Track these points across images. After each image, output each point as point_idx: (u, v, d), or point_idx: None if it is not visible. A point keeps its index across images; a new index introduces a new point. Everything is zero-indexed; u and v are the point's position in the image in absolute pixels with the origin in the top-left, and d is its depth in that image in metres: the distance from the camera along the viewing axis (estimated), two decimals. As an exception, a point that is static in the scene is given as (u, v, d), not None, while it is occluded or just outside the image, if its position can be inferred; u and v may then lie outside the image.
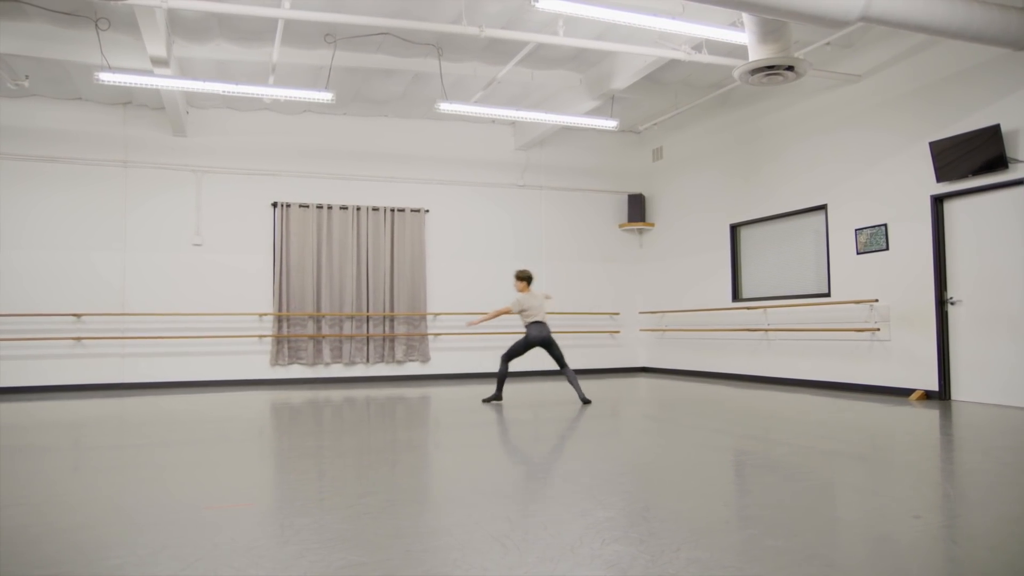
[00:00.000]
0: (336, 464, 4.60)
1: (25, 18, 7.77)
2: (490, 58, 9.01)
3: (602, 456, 4.76)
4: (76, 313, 9.81)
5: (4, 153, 9.73)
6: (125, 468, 4.60)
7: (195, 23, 7.91)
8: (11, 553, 2.83)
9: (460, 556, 2.72)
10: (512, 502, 3.52)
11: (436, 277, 11.45)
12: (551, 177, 12.23)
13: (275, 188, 10.79)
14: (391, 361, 11.09)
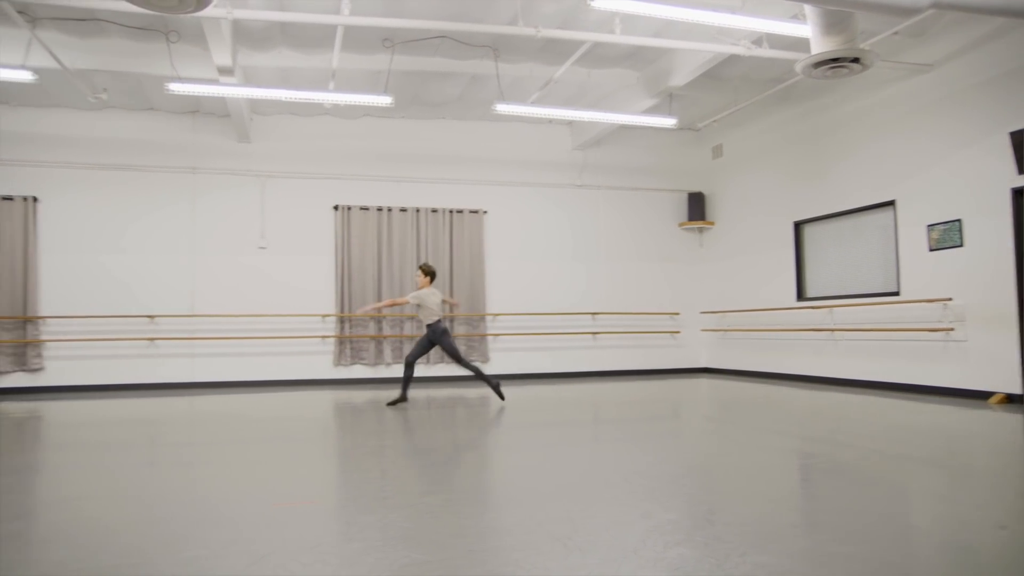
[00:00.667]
0: (398, 463, 4.66)
1: (104, 35, 8.11)
2: (546, 58, 9.00)
3: (663, 457, 4.70)
4: (150, 315, 10.19)
5: (85, 163, 10.18)
6: (196, 464, 4.75)
7: (259, 32, 8.13)
8: (93, 544, 2.95)
9: (522, 556, 2.72)
10: (573, 503, 3.50)
11: (495, 278, 11.50)
12: (609, 176, 12.15)
13: (336, 191, 11.00)
14: (451, 361, 11.17)
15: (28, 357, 9.83)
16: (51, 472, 4.63)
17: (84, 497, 3.84)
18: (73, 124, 10.22)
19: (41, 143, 10.10)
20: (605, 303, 11.92)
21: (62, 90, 9.40)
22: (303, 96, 8.26)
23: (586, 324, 11.81)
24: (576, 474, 4.23)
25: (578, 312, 11.73)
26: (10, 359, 9.79)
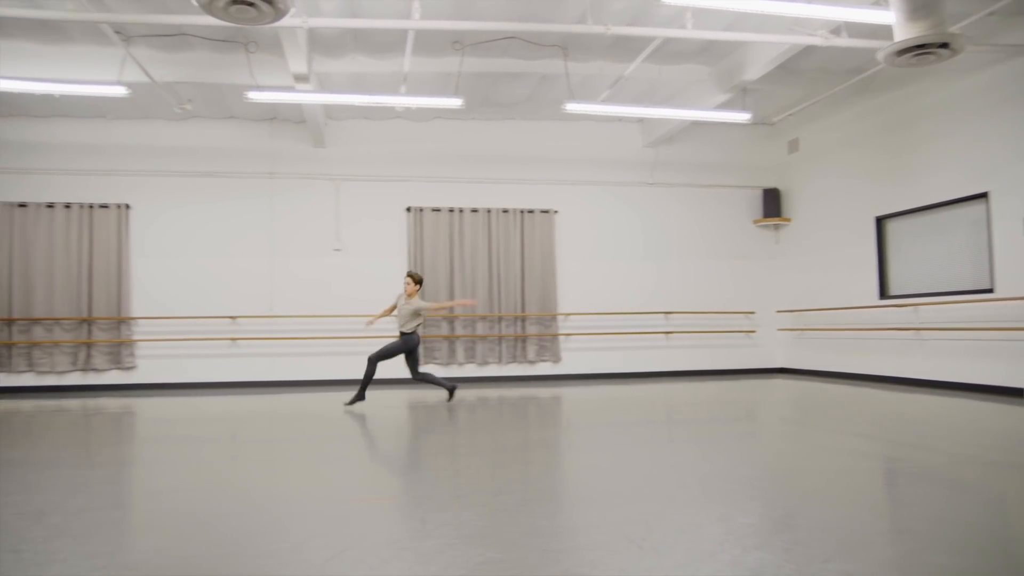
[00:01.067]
0: (471, 462, 4.70)
1: (189, 49, 8.48)
2: (616, 56, 8.92)
3: (739, 460, 4.60)
4: (231, 316, 10.58)
5: (171, 171, 10.65)
6: (277, 460, 4.91)
7: (333, 39, 8.34)
8: (184, 534, 3.09)
9: (597, 557, 2.71)
10: (647, 504, 3.46)
11: (566, 277, 11.47)
12: (680, 174, 11.96)
13: (409, 193, 11.18)
14: (523, 361, 11.22)
15: (122, 356, 10.35)
16: (144, 465, 4.87)
17: (174, 489, 4.02)
18: (161, 134, 10.71)
19: (133, 153, 10.62)
20: (678, 302, 11.74)
21: (151, 102, 9.86)
22: (376, 100, 8.43)
23: (658, 323, 11.66)
24: (650, 475, 4.18)
25: (650, 311, 11.59)
26: (106, 357, 10.33)
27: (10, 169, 10.34)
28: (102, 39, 8.09)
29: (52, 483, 4.14)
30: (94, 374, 10.34)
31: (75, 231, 10.33)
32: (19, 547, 2.94)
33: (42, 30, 7.96)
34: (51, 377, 10.23)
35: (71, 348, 10.25)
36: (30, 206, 10.27)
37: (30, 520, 3.33)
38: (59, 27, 7.85)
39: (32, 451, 5.31)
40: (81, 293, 10.27)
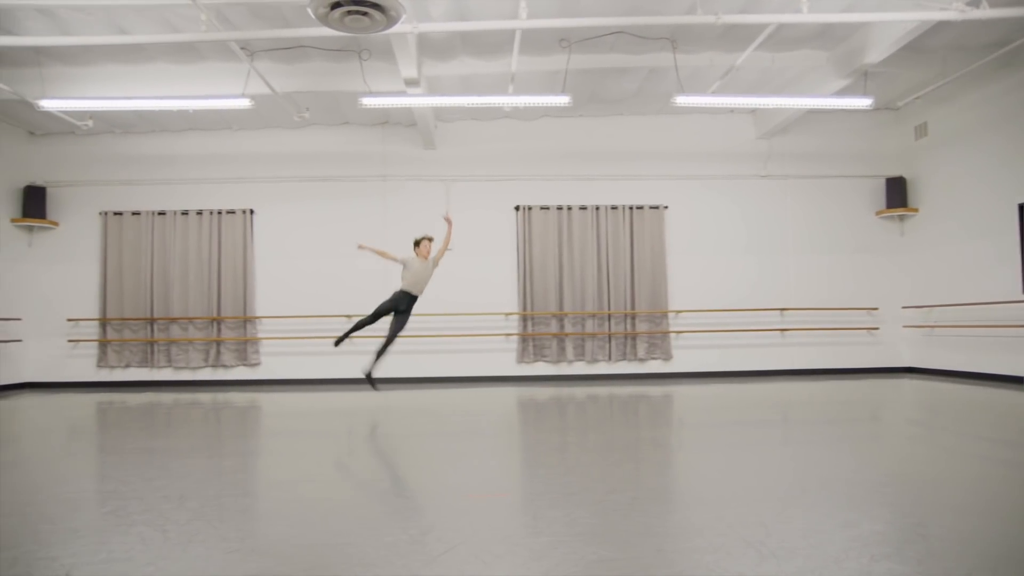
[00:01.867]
0: (582, 460, 4.69)
1: (307, 60, 8.89)
2: (726, 45, 8.66)
3: (863, 463, 4.36)
4: (347, 315, 10.99)
5: (291, 176, 11.20)
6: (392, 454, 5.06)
7: (441, 43, 8.52)
8: (307, 522, 3.24)
9: (713, 560, 2.64)
10: (765, 507, 3.35)
11: (677, 274, 11.24)
12: (796, 165, 11.46)
13: (517, 192, 11.27)
14: (633, 359, 11.09)
15: (248, 353, 10.98)
16: (269, 456, 5.14)
17: (297, 480, 4.22)
18: (281, 142, 11.28)
19: (256, 161, 11.24)
20: (794, 298, 11.27)
21: (272, 112, 10.39)
22: (484, 101, 8.56)
23: (774, 320, 11.24)
24: (767, 477, 4.04)
25: (765, 308, 11.18)
26: (234, 354, 10.99)
27: (152, 180, 11.17)
28: (229, 55, 8.60)
29: (190, 470, 4.44)
30: (223, 370, 11.01)
31: (206, 236, 11.04)
32: (165, 527, 3.17)
33: (178, 51, 8.55)
34: (186, 372, 10.98)
35: (203, 345, 10.96)
36: (168, 213, 11.06)
37: (173, 504, 3.58)
38: (192, 47, 8.41)
39: (172, 441, 5.72)
40: (211, 294, 10.97)
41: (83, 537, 3.06)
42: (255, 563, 2.70)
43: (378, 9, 5.28)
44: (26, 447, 5.64)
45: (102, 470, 4.59)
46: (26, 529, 3.21)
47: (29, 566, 2.72)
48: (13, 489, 4.04)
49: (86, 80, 8.99)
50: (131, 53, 8.57)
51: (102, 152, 11.23)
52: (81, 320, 11.01)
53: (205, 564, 2.70)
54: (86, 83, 8.98)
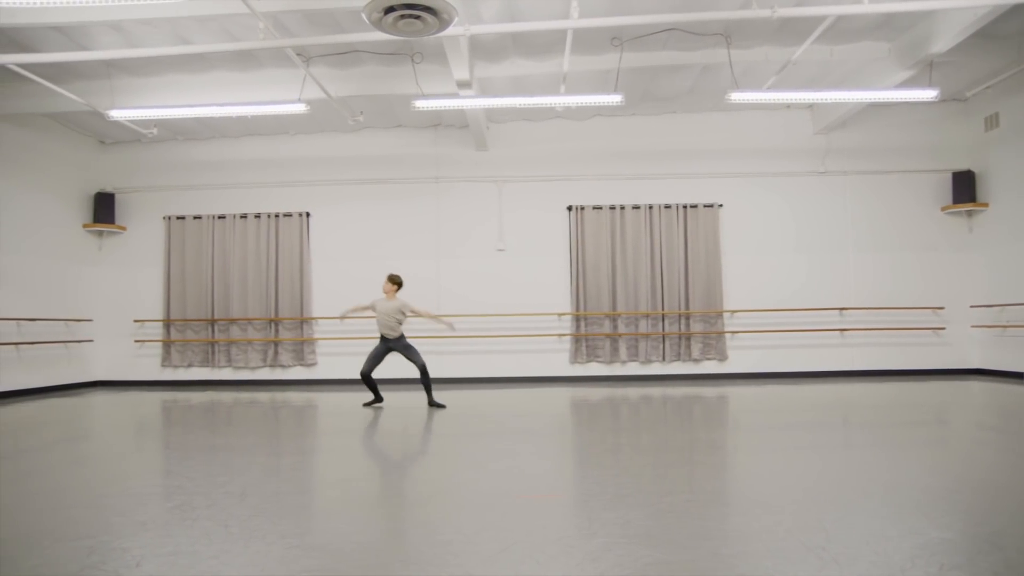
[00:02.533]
0: (636, 461, 4.65)
1: (361, 64, 9.03)
2: (783, 40, 8.48)
3: (929, 468, 4.22)
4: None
5: (346, 179, 11.40)
6: (446, 454, 5.10)
7: (493, 45, 8.55)
8: (360, 521, 3.29)
9: (772, 564, 2.59)
10: (826, 511, 3.26)
11: (732, 273, 11.05)
12: (856, 161, 11.15)
13: (569, 192, 11.24)
14: (687, 359, 10.94)
15: (305, 353, 11.20)
16: (325, 454, 5.23)
17: (352, 479, 4.29)
18: (336, 146, 11.48)
19: (311, 164, 11.47)
20: (854, 297, 10.96)
21: (327, 116, 10.58)
22: (536, 102, 8.55)
23: (833, 320, 10.95)
24: (827, 481, 3.93)
25: (823, 308, 10.90)
26: (291, 355, 11.23)
27: (212, 185, 11.51)
28: (286, 62, 8.79)
29: (250, 467, 4.55)
30: (281, 370, 11.26)
31: (264, 238, 11.31)
32: (228, 523, 3.26)
33: (237, 59, 8.79)
34: (245, 372, 11.27)
35: (261, 346, 11.23)
36: (227, 217, 11.37)
37: (235, 500, 3.68)
38: (251, 55, 8.63)
39: (233, 439, 5.87)
40: (269, 295, 11.22)
41: (151, 530, 3.17)
42: (314, 559, 2.75)
43: (431, 12, 5.34)
44: (98, 443, 5.87)
45: (168, 466, 4.74)
46: (100, 521, 3.34)
47: (103, 556, 2.83)
48: (88, 483, 4.21)
49: (151, 90, 9.30)
50: (193, 62, 8.84)
51: (166, 159, 11.61)
52: (147, 321, 11.40)
53: (265, 559, 2.76)
54: (151, 93, 9.30)
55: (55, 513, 3.51)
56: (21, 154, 10.02)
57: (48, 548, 2.95)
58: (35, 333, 10.14)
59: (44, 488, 4.09)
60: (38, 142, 10.33)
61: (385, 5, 5.27)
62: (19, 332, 9.84)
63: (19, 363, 9.87)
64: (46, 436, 6.17)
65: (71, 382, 10.90)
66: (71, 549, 2.93)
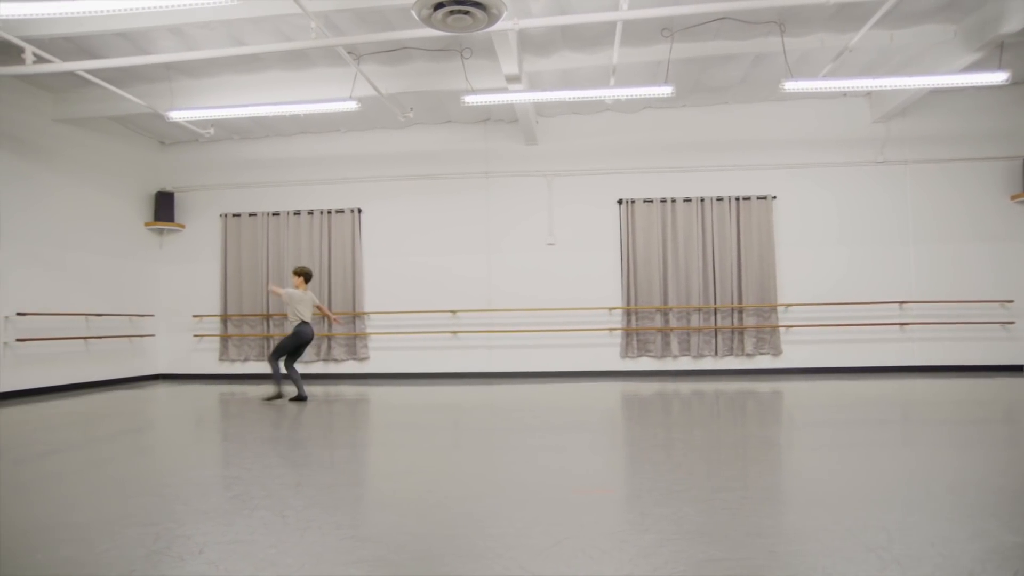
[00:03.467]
0: (689, 457, 4.59)
1: (410, 61, 9.10)
2: (839, 25, 8.25)
3: (999, 468, 4.06)
4: (452, 310, 11.21)
5: (396, 175, 11.52)
6: (497, 448, 5.12)
7: (542, 38, 8.52)
8: (414, 514, 3.32)
9: (830, 564, 2.53)
10: (886, 510, 3.17)
11: (786, 266, 10.81)
12: (917, 149, 10.79)
13: (620, 185, 11.15)
14: (740, 354, 10.77)
15: (357, 347, 11.37)
16: (378, 448, 5.30)
17: (406, 472, 4.34)
18: (386, 142, 11.61)
19: (363, 161, 11.63)
20: (915, 290, 10.62)
21: (378, 113, 10.70)
22: (585, 95, 8.49)
23: (892, 314, 10.63)
24: (888, 479, 3.82)
25: (882, 301, 10.59)
26: (344, 349, 11.41)
27: (267, 182, 11.76)
28: (337, 60, 8.92)
29: (306, 460, 4.64)
30: (334, 364, 11.46)
31: (316, 235, 11.51)
32: (284, 513, 3.34)
33: (290, 59, 8.95)
34: (299, 366, 11.48)
35: (315, 340, 11.43)
36: (281, 214, 11.61)
37: (291, 491, 3.76)
38: (303, 54, 8.77)
39: (288, 431, 6.00)
40: (323, 291, 11.42)
41: (212, 518, 3.26)
42: (368, 550, 2.79)
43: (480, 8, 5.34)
44: (160, 434, 6.06)
45: (226, 457, 4.87)
46: (165, 508, 3.46)
47: (169, 542, 2.93)
48: (152, 472, 4.36)
49: (208, 91, 9.54)
50: (248, 63, 9.03)
51: (222, 157, 11.91)
52: (204, 316, 11.72)
53: (321, 549, 2.82)
54: (208, 94, 9.53)
55: (124, 500, 3.64)
56: (88, 156, 10.41)
57: (118, 533, 3.06)
58: (102, 328, 10.53)
59: (113, 476, 4.24)
60: (103, 144, 10.71)
61: (435, 1, 5.29)
62: (87, 327, 10.23)
63: (87, 356, 10.26)
64: (113, 427, 6.40)
65: (135, 375, 11.28)
66: (139, 535, 3.03)
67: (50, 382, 9.58)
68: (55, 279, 9.73)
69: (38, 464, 4.71)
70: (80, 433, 6.05)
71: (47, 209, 9.65)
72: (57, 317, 9.68)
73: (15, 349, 9.04)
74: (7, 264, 8.98)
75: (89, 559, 2.76)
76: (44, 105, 9.67)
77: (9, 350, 8.96)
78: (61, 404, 8.34)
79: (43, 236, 9.57)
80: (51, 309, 9.58)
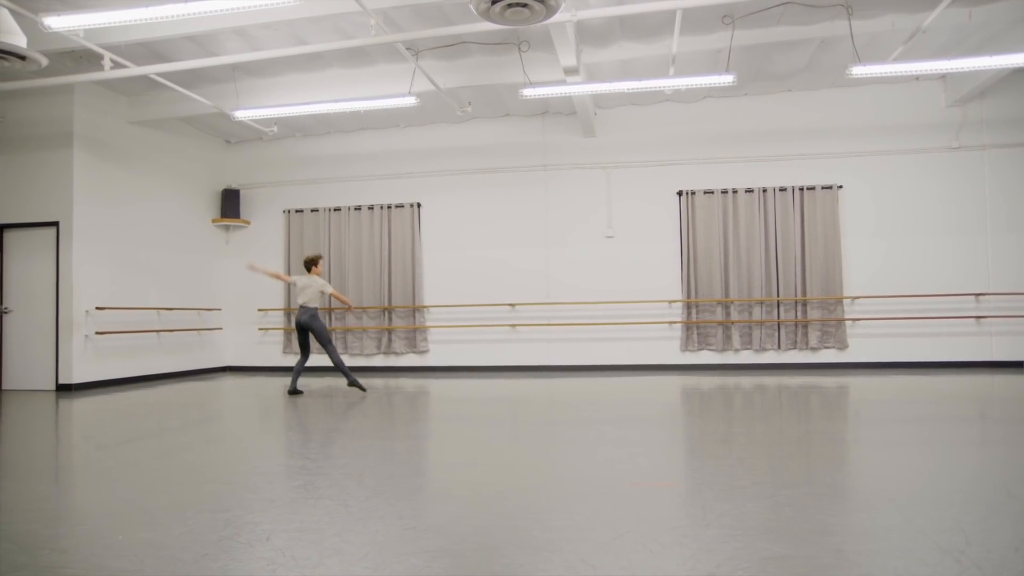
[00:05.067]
0: (752, 452, 4.50)
1: (468, 55, 9.14)
2: (911, 5, 7.93)
3: (1086, 468, 3.86)
4: (511, 303, 11.24)
5: (455, 169, 11.60)
6: (556, 441, 5.11)
7: (600, 29, 8.44)
8: (478, 504, 3.34)
9: (903, 565, 2.44)
10: (964, 512, 3.05)
11: (853, 258, 10.48)
12: (996, 133, 10.30)
13: (679, 177, 10.98)
14: (804, 348, 10.50)
15: (416, 341, 11.51)
16: (438, 440, 5.36)
17: (466, 463, 4.37)
18: (445, 137, 11.69)
19: (422, 156, 11.74)
20: (993, 282, 10.16)
21: (437, 108, 10.78)
22: (644, 85, 8.38)
23: (967, 307, 10.20)
24: (963, 479, 3.68)
25: (956, 293, 10.17)
26: (403, 342, 11.56)
27: (328, 179, 12.00)
28: (396, 56, 9.01)
29: (368, 451, 4.73)
30: (394, 356, 11.63)
31: (377, 229, 11.68)
32: (348, 503, 3.40)
33: (350, 56, 9.09)
34: (361, 359, 11.70)
35: (376, 333, 11.63)
36: (342, 209, 11.82)
37: (353, 481, 3.83)
38: (363, 51, 8.89)
39: (351, 423, 6.12)
40: (383, 284, 11.59)
41: (279, 507, 3.35)
42: (429, 540, 2.83)
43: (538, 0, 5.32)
44: (229, 424, 6.26)
45: (291, 447, 4.99)
46: (234, 496, 3.57)
47: (238, 528, 3.02)
48: (222, 460, 4.50)
49: (271, 90, 9.77)
50: (309, 61, 9.21)
51: (285, 155, 12.19)
52: (269, 310, 12.03)
53: (384, 538, 2.86)
54: (271, 92, 9.77)
55: (196, 487, 3.77)
56: (159, 156, 10.80)
57: (191, 519, 3.18)
58: (172, 321, 10.93)
59: (185, 464, 4.40)
60: (173, 144, 11.10)
61: (492, -5, 5.29)
62: (159, 320, 10.63)
63: (160, 349, 10.66)
64: (184, 417, 6.64)
65: (203, 367, 11.67)
66: (210, 520, 3.14)
67: (126, 373, 10.01)
68: (129, 275, 10.13)
69: (118, 451, 4.92)
70: (154, 422, 6.30)
71: (121, 207, 10.06)
72: (132, 312, 10.09)
73: (95, 342, 9.46)
74: (86, 260, 9.40)
75: (166, 542, 2.87)
76: (119, 108, 10.07)
77: (89, 343, 9.39)
78: (136, 394, 8.68)
79: (118, 234, 9.97)
80: (126, 304, 9.99)
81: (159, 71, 8.08)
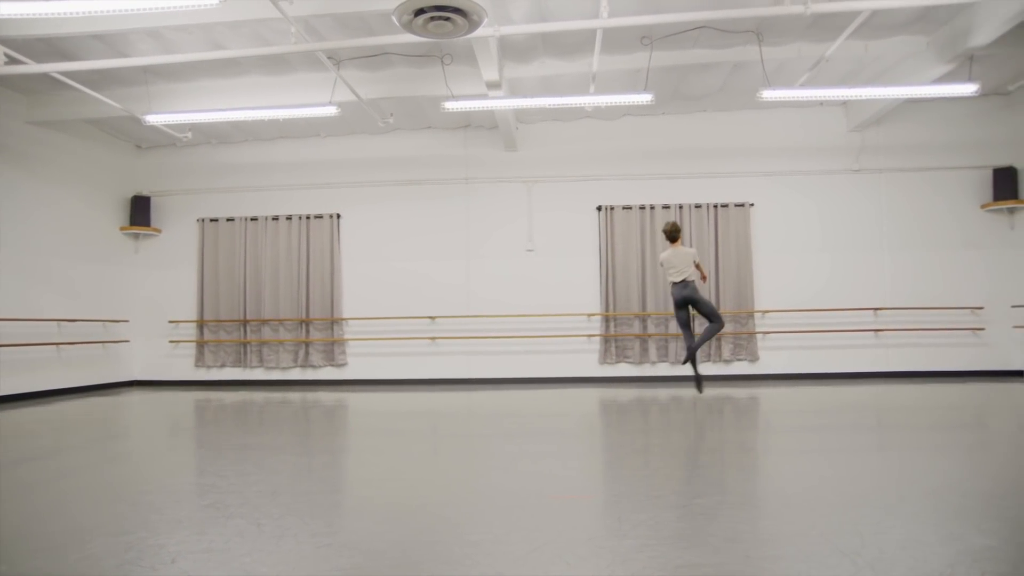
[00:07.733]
0: (667, 462, 4.61)
1: (391, 66, 9.09)
2: (816, 35, 8.36)
3: (970, 472, 4.13)
4: (431, 316, 11.18)
5: (376, 181, 11.49)
6: (476, 454, 5.11)
7: (522, 45, 8.55)
8: (392, 520, 3.30)
9: (804, 569, 2.55)
10: (861, 515, 3.21)
11: (763, 273, 10.91)
12: (891, 158, 10.94)
13: (599, 192, 11.19)
14: (718, 360, 10.83)
15: (335, 354, 11.30)
16: (356, 454, 5.27)
17: (384, 478, 4.31)
18: (366, 148, 11.57)
19: (342, 167, 11.58)
20: (889, 297, 10.76)
21: (358, 119, 10.67)
22: (565, 102, 8.53)
23: (867, 320, 10.77)
24: (861, 484, 3.87)
25: (857, 308, 10.72)
26: (322, 355, 11.33)
27: (245, 187, 11.68)
28: (317, 65, 8.88)
29: (282, 467, 4.60)
30: (311, 370, 11.38)
31: (295, 240, 11.44)
32: (260, 521, 3.30)
33: (269, 63, 8.90)
34: (276, 372, 11.40)
35: (293, 346, 11.36)
36: (260, 219, 11.53)
37: (267, 499, 3.73)
38: (283, 59, 8.73)
39: (264, 438, 5.94)
40: (300, 296, 11.35)
41: (186, 527, 3.22)
42: (346, 558, 2.77)
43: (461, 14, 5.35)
44: (135, 441, 5.98)
45: (201, 464, 4.82)
46: (137, 517, 3.41)
47: (141, 552, 2.89)
48: (126, 479, 4.30)
49: (186, 95, 9.47)
50: (227, 67, 8.97)
51: (199, 162, 11.81)
52: (181, 322, 11.60)
53: (298, 557, 2.79)
54: (186, 98, 9.46)
55: (96, 509, 3.58)
56: (63, 159, 10.27)
57: (89, 543, 3.02)
58: (74, 333, 10.37)
59: (85, 484, 4.18)
60: (78, 147, 10.57)
61: (415, 7, 5.30)
62: (59, 332, 10.08)
63: (59, 363, 10.10)
64: (86, 434, 6.31)
65: (108, 381, 11.13)
66: (111, 544, 2.99)
67: (20, 389, 9.42)
68: (26, 284, 9.57)
69: (8, 473, 4.63)
70: (52, 441, 5.96)
71: (17, 212, 9.51)
72: (27, 323, 9.52)
73: (-14, 355, 8.89)
74: (-22, 268, 8.83)
75: (60, 570, 2.71)
76: (17, 107, 9.53)
77: (-21, 356, 8.81)
78: (33, 411, 8.20)
79: (13, 240, 9.42)
80: (21, 314, 9.42)
81: (62, 70, 7.71)
